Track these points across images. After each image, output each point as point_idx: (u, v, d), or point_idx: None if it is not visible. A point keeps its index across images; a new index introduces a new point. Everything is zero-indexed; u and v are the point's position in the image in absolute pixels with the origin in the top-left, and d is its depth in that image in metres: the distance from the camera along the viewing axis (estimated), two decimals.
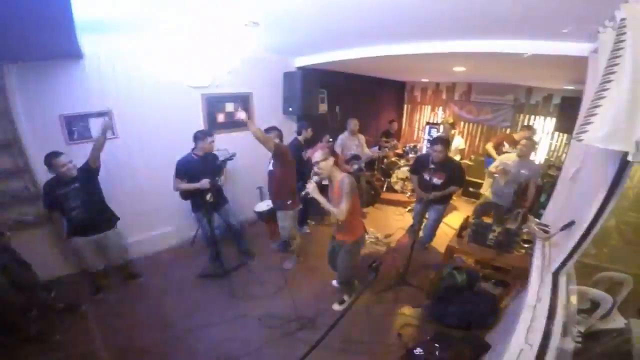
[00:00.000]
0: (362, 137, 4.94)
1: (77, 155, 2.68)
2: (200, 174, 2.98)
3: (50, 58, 2.68)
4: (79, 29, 2.14)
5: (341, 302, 2.96)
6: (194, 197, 3.13)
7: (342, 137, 4.75)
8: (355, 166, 4.59)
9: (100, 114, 3.06)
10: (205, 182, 2.94)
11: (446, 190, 3.43)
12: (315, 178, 2.41)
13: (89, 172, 2.67)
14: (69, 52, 2.52)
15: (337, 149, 4.67)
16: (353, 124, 4.72)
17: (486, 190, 3.93)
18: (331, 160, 2.38)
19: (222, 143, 3.83)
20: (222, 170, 3.20)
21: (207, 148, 3.07)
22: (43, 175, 2.69)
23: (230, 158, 3.11)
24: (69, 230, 2.71)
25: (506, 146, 4.72)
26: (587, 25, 1.79)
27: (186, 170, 3.03)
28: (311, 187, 2.34)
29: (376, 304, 3.00)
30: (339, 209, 2.33)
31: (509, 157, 3.69)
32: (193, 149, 3.09)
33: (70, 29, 2.02)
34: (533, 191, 3.54)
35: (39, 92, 2.74)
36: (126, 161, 3.37)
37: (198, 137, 3.03)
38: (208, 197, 2.95)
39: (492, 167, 3.79)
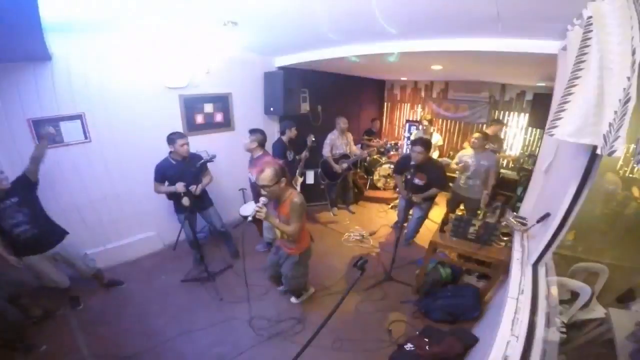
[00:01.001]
0: (350, 136, 4.97)
1: (47, 161, 2.54)
2: (178, 177, 2.92)
3: (16, 60, 2.53)
4: (46, 29, 2.04)
5: (299, 295, 3.01)
6: (175, 199, 3.07)
7: (332, 136, 4.74)
8: (345, 165, 4.61)
9: (71, 118, 2.93)
10: (179, 186, 2.89)
11: (427, 193, 3.46)
12: (263, 200, 2.20)
13: (28, 185, 2.43)
14: (36, 53, 2.39)
15: (326, 148, 4.67)
16: (342, 122, 4.71)
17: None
18: (282, 182, 2.19)
19: (202, 144, 3.74)
20: (204, 172, 3.11)
21: (180, 151, 2.95)
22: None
23: (211, 160, 3.05)
24: (16, 252, 2.40)
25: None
26: (556, 23, 1.86)
27: (163, 174, 2.97)
28: (263, 213, 2.15)
29: (365, 302, 3.02)
30: (292, 228, 2.27)
31: (467, 152, 3.85)
32: (170, 153, 3.00)
33: (37, 29, 1.92)
34: (493, 180, 3.73)
35: (5, 95, 2.57)
36: (102, 166, 3.24)
37: (169, 140, 2.94)
38: (184, 200, 2.92)
39: (452, 164, 3.96)
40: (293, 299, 3.01)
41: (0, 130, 2.62)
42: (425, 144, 3.29)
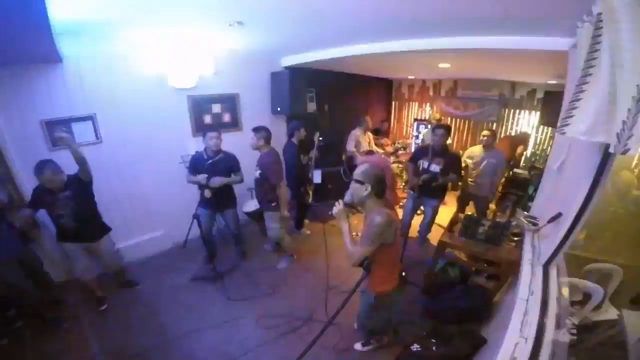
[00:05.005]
0: (371, 136, 4.98)
1: (60, 161, 2.58)
2: (206, 171, 3.01)
3: (28, 62, 2.59)
4: (57, 32, 2.08)
5: (365, 343, 2.52)
6: (201, 193, 3.16)
7: (357, 132, 4.80)
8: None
9: (83, 119, 3.00)
10: (202, 177, 3.00)
11: (445, 178, 3.43)
12: (346, 198, 1.85)
13: (80, 182, 2.58)
14: (47, 55, 2.44)
15: (351, 143, 4.68)
16: (367, 120, 4.82)
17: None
18: (368, 188, 1.74)
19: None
20: (236, 172, 3.20)
21: (209, 144, 3.06)
22: (28, 182, 2.60)
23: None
24: (58, 236, 2.64)
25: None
26: (566, 20, 1.82)
27: (193, 165, 3.13)
28: (335, 209, 1.85)
29: None
30: (352, 250, 1.78)
31: (475, 150, 3.86)
32: (205, 147, 3.12)
33: (47, 31, 1.96)
34: (501, 178, 3.81)
35: (18, 97, 2.64)
36: (113, 166, 3.30)
37: (203, 134, 3.09)
38: (205, 192, 3.04)
39: (464, 160, 3.95)
40: (357, 345, 2.51)
41: (15, 131, 2.69)
42: (445, 127, 3.43)
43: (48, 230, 2.88)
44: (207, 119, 3.95)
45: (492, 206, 3.90)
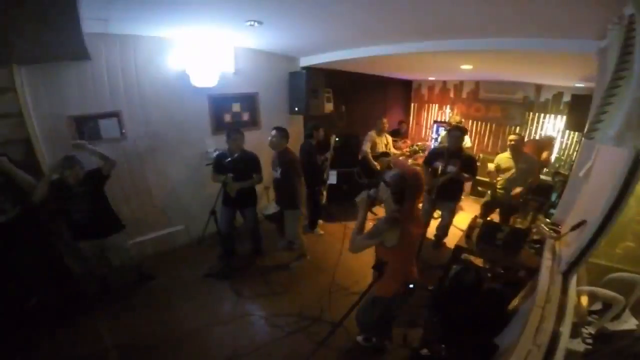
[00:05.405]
0: (389, 138, 4.97)
1: (86, 156, 2.70)
2: (228, 170, 3.05)
3: (58, 59, 2.69)
4: (85, 31, 2.18)
5: (366, 339, 2.53)
6: (225, 191, 3.19)
7: (372, 134, 4.83)
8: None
9: (109, 115, 3.11)
10: (226, 177, 3.04)
11: (460, 175, 3.42)
12: (372, 191, 1.92)
13: (99, 178, 2.65)
14: (76, 53, 2.55)
15: (366, 144, 4.73)
16: (382, 123, 4.85)
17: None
18: (387, 192, 1.77)
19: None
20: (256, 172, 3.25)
21: (233, 146, 3.09)
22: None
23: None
24: (72, 233, 2.69)
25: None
26: (596, 22, 1.76)
27: (216, 163, 3.19)
28: (359, 196, 1.93)
29: None
30: (355, 236, 1.88)
31: (503, 156, 3.71)
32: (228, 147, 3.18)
33: (77, 30, 2.06)
34: (534, 184, 3.68)
35: (49, 93, 2.76)
36: (136, 161, 3.41)
37: (226, 134, 3.13)
38: (228, 188, 3.10)
39: (490, 168, 3.84)
40: (359, 338, 2.55)
41: (45, 125, 2.79)
42: (461, 129, 3.48)
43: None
44: (227, 117, 4.02)
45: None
